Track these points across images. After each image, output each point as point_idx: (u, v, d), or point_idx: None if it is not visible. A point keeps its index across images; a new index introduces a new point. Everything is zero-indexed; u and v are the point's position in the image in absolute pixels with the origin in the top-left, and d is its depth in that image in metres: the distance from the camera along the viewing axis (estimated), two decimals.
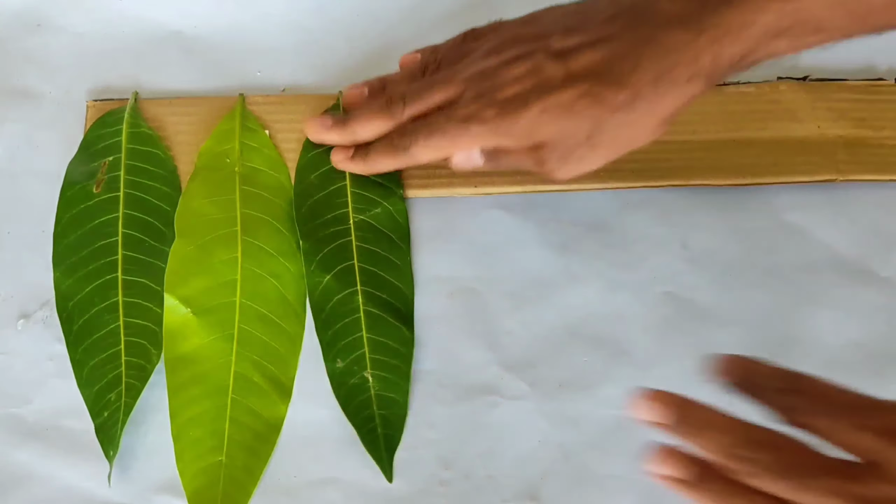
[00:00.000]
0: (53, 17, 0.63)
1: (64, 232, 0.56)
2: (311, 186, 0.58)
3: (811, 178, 0.59)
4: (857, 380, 0.56)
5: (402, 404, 0.54)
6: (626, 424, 0.55)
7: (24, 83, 0.62)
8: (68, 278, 0.55)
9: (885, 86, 0.61)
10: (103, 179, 0.58)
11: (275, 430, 0.54)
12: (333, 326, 0.55)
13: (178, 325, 0.54)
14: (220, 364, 0.54)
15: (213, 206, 0.57)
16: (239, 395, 0.54)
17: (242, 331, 0.55)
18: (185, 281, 0.55)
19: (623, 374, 0.56)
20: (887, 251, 0.59)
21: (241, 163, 0.58)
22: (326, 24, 0.63)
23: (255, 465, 0.53)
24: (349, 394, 0.54)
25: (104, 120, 0.59)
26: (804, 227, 0.59)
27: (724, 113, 0.60)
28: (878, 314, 0.57)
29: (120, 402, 0.53)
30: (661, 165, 0.59)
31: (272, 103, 0.60)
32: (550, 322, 0.57)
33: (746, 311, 0.57)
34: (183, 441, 0.53)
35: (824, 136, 0.60)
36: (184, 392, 0.53)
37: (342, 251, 0.56)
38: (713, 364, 0.42)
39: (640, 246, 0.59)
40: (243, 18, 0.63)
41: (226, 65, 0.62)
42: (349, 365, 0.55)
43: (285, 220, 0.57)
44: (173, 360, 0.54)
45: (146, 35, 0.63)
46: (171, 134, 0.60)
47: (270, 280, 0.56)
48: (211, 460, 0.52)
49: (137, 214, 0.57)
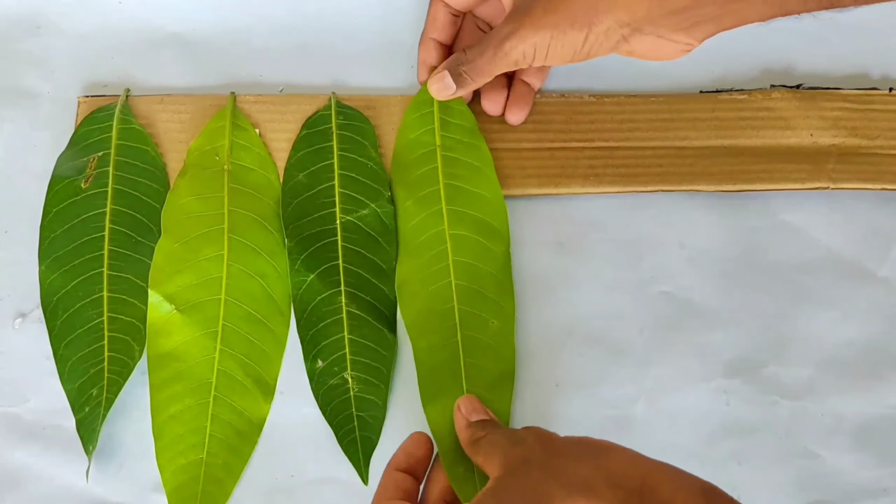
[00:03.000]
0: (53, 19, 0.63)
1: (50, 226, 0.56)
2: (299, 186, 0.58)
3: (803, 186, 0.59)
4: (854, 378, 0.56)
5: (382, 407, 0.54)
6: (623, 424, 0.54)
7: (22, 83, 0.62)
8: (53, 272, 0.55)
9: (878, 95, 0.61)
10: (92, 175, 0.58)
11: (257, 428, 0.54)
12: (315, 326, 0.55)
13: (162, 321, 0.54)
14: (203, 361, 0.54)
15: (200, 204, 0.57)
16: (222, 392, 0.53)
17: (227, 328, 0.54)
18: (169, 278, 0.55)
19: (620, 373, 0.56)
20: (885, 251, 0.59)
21: (231, 161, 0.58)
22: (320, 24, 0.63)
23: (235, 463, 0.53)
24: (328, 394, 0.54)
25: (94, 116, 0.60)
26: (801, 227, 0.59)
27: (716, 120, 0.60)
28: (875, 314, 0.58)
29: (101, 397, 0.53)
30: (653, 171, 0.59)
31: (263, 102, 0.60)
32: (548, 321, 0.57)
33: (744, 311, 0.57)
34: (164, 438, 0.53)
35: (817, 144, 0.60)
36: (166, 389, 0.53)
37: (328, 251, 0.56)
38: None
39: (638, 246, 0.59)
40: (239, 20, 0.63)
41: (220, 65, 0.62)
42: (329, 365, 0.54)
43: (273, 219, 0.57)
44: (156, 357, 0.54)
45: (144, 36, 0.63)
46: (162, 131, 0.60)
47: (256, 278, 0.56)
48: (192, 458, 0.52)
49: (125, 210, 0.57)
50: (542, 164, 0.59)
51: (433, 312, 0.55)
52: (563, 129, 0.60)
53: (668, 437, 0.55)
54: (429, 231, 0.57)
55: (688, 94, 0.61)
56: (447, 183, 0.58)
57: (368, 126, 0.59)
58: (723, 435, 0.55)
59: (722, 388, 0.56)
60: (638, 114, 0.60)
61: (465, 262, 0.56)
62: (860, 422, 0.55)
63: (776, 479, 0.54)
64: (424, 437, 0.51)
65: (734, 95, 0.61)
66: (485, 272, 0.56)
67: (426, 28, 0.60)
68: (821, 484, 0.54)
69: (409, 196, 0.57)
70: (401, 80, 0.62)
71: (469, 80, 0.56)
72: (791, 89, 0.61)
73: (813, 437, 0.55)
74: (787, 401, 0.56)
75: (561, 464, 0.44)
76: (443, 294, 0.55)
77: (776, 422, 0.55)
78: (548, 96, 0.61)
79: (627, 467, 0.42)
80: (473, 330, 0.55)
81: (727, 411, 0.55)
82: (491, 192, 0.58)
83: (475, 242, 0.56)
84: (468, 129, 0.59)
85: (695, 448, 0.55)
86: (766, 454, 0.55)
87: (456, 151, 0.58)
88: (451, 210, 0.57)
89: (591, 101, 0.60)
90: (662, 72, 0.61)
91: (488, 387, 0.54)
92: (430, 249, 0.56)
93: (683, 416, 0.55)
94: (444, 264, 0.56)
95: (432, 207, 0.57)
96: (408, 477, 0.50)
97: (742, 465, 0.54)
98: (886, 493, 0.54)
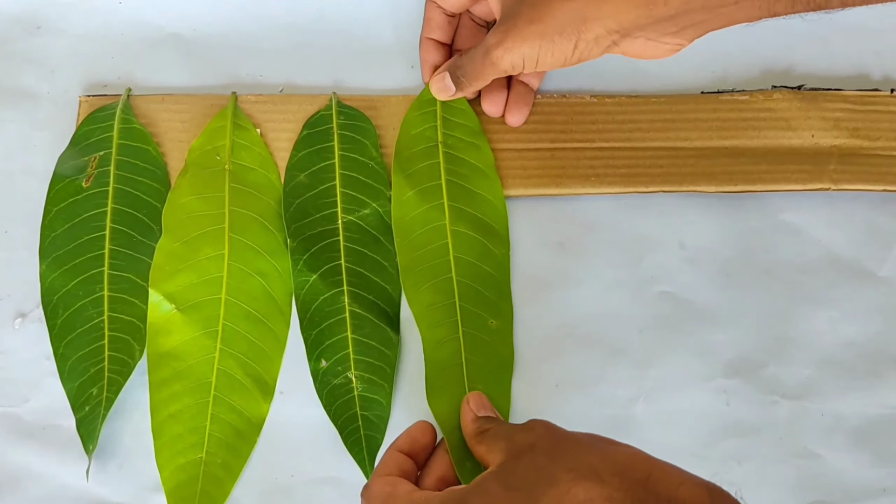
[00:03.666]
0: (53, 19, 0.63)
1: (51, 225, 0.57)
2: (300, 186, 0.58)
3: (804, 187, 0.59)
4: (854, 378, 0.56)
5: (386, 406, 0.54)
6: (623, 424, 0.54)
7: (22, 84, 0.62)
8: (54, 271, 0.55)
9: (879, 96, 0.61)
10: (93, 174, 0.58)
11: (256, 428, 0.54)
12: (319, 326, 0.55)
13: (162, 320, 0.54)
14: (203, 361, 0.54)
15: (201, 203, 0.57)
16: (221, 392, 0.54)
17: (227, 328, 0.54)
18: (170, 277, 0.55)
19: (620, 373, 0.56)
20: (884, 251, 0.59)
21: (232, 160, 0.58)
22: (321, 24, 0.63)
23: (234, 462, 0.53)
24: (332, 393, 0.54)
25: (95, 115, 0.60)
26: (801, 226, 0.59)
27: (717, 121, 0.60)
28: (874, 314, 0.58)
29: (101, 396, 0.53)
30: (654, 172, 0.59)
31: (264, 102, 0.60)
32: (547, 321, 0.57)
33: (743, 311, 0.57)
34: (163, 437, 0.53)
35: (818, 145, 0.60)
36: (166, 388, 0.53)
37: (330, 251, 0.56)
38: None
39: (638, 245, 0.59)
40: (240, 19, 0.63)
41: (221, 65, 0.62)
42: (333, 365, 0.54)
43: (274, 219, 0.57)
44: (156, 356, 0.54)
45: (144, 36, 0.63)
46: (163, 131, 0.60)
47: (256, 278, 0.56)
48: (191, 457, 0.52)
49: (126, 209, 0.57)
50: (542, 164, 0.59)
51: (438, 306, 0.55)
52: (564, 130, 0.60)
53: (668, 437, 0.55)
54: (430, 224, 0.57)
55: (689, 95, 0.61)
56: (449, 179, 0.58)
57: (369, 126, 0.59)
58: (723, 435, 0.55)
59: (722, 388, 0.56)
60: (639, 114, 0.60)
61: (466, 260, 0.56)
62: (860, 422, 0.55)
63: (776, 479, 0.54)
64: (429, 425, 0.52)
65: (735, 96, 0.60)
66: (484, 272, 0.56)
67: (423, 28, 0.60)
68: (821, 484, 0.54)
69: (411, 187, 0.57)
70: (402, 80, 0.62)
71: (465, 83, 0.57)
72: (792, 90, 0.60)
73: (813, 437, 0.55)
74: (787, 401, 0.56)
75: (568, 450, 0.44)
76: (445, 288, 0.56)
77: (776, 422, 0.55)
78: (548, 97, 0.61)
79: (635, 460, 0.42)
80: (474, 327, 0.55)
81: (727, 411, 0.55)
82: (493, 194, 0.58)
83: (476, 241, 0.56)
84: (471, 129, 0.59)
85: (695, 448, 0.55)
86: (766, 454, 0.55)
87: (458, 150, 0.58)
88: (453, 206, 0.57)
89: (591, 101, 0.60)
90: (663, 72, 0.61)
91: (487, 384, 0.54)
92: (430, 242, 0.57)
93: (683, 416, 0.55)
94: (445, 259, 0.56)
95: (434, 201, 0.57)
96: (408, 459, 0.50)
97: (742, 465, 0.55)
98: (886, 493, 0.54)
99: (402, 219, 0.57)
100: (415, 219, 0.57)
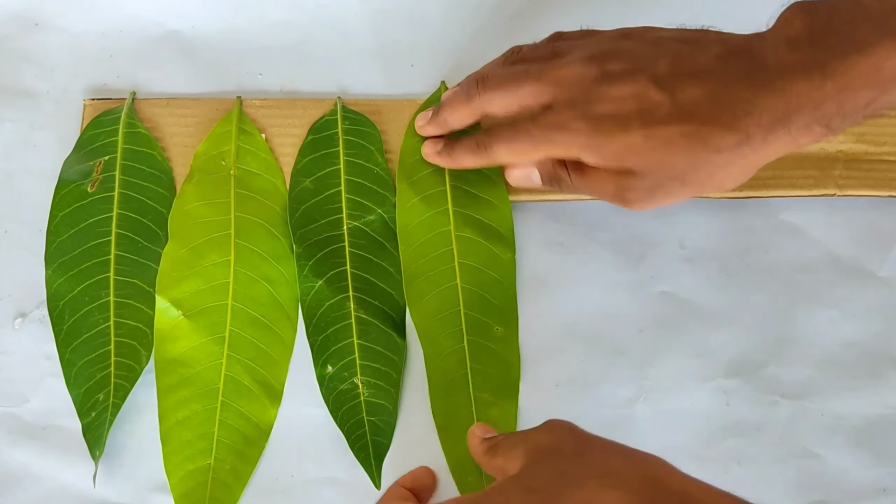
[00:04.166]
0: (51, 16, 0.63)
1: (57, 230, 0.56)
2: (305, 191, 0.58)
3: (810, 193, 0.59)
4: (854, 378, 0.56)
5: (392, 411, 0.54)
6: (623, 424, 0.55)
7: (21, 82, 0.62)
8: (60, 277, 0.55)
9: None
10: (98, 179, 0.57)
11: (264, 434, 0.54)
12: (325, 331, 0.55)
13: (170, 327, 0.54)
14: (210, 367, 0.54)
15: (207, 209, 0.57)
16: (229, 398, 0.54)
17: (234, 334, 0.55)
18: (177, 283, 0.55)
19: (620, 373, 0.56)
20: (884, 251, 0.59)
21: (237, 166, 0.58)
22: (326, 29, 0.63)
23: (243, 468, 0.53)
24: (339, 399, 0.54)
25: (100, 119, 0.59)
26: (801, 226, 0.59)
27: None
28: (874, 314, 0.58)
29: (108, 402, 0.53)
30: None
31: (269, 107, 0.60)
32: (547, 321, 0.57)
33: (743, 311, 0.58)
34: (171, 444, 0.53)
35: (824, 150, 0.60)
36: (173, 394, 0.53)
37: (335, 256, 0.56)
38: None
39: (638, 245, 0.59)
40: (242, 20, 0.63)
41: (224, 66, 0.62)
42: (339, 370, 0.55)
43: (279, 225, 0.57)
44: (164, 363, 0.54)
45: (144, 35, 0.63)
46: (168, 135, 0.59)
47: (263, 284, 0.56)
48: (199, 463, 0.52)
49: (131, 215, 0.57)
50: None
51: (441, 316, 0.55)
52: None
53: (668, 437, 0.55)
54: (435, 230, 0.57)
55: None
56: (454, 185, 0.58)
57: (375, 131, 0.59)
58: (723, 435, 0.55)
59: (722, 388, 0.56)
60: None
61: (471, 266, 0.56)
62: (860, 422, 0.56)
63: (776, 479, 0.55)
64: (432, 471, 0.53)
65: None
66: (490, 278, 0.56)
67: None
68: (821, 484, 0.55)
69: (415, 194, 0.57)
70: (407, 85, 0.62)
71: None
72: None
73: (813, 437, 0.55)
74: (787, 401, 0.56)
75: (595, 455, 0.43)
76: (449, 297, 0.56)
77: (776, 422, 0.55)
78: None
79: (667, 474, 0.42)
80: (479, 336, 0.55)
81: (727, 411, 0.56)
82: (498, 199, 0.58)
83: (482, 247, 0.57)
84: None
85: (695, 448, 0.55)
86: (766, 454, 0.55)
87: None
88: (458, 212, 0.57)
89: None
90: None
91: (494, 393, 0.54)
92: (435, 249, 0.57)
93: (683, 416, 0.55)
94: (450, 266, 0.56)
95: (439, 207, 0.57)
96: (411, 495, 0.51)
97: (742, 465, 0.55)
98: (886, 493, 0.54)
99: (407, 225, 0.57)
100: (419, 225, 0.57)
